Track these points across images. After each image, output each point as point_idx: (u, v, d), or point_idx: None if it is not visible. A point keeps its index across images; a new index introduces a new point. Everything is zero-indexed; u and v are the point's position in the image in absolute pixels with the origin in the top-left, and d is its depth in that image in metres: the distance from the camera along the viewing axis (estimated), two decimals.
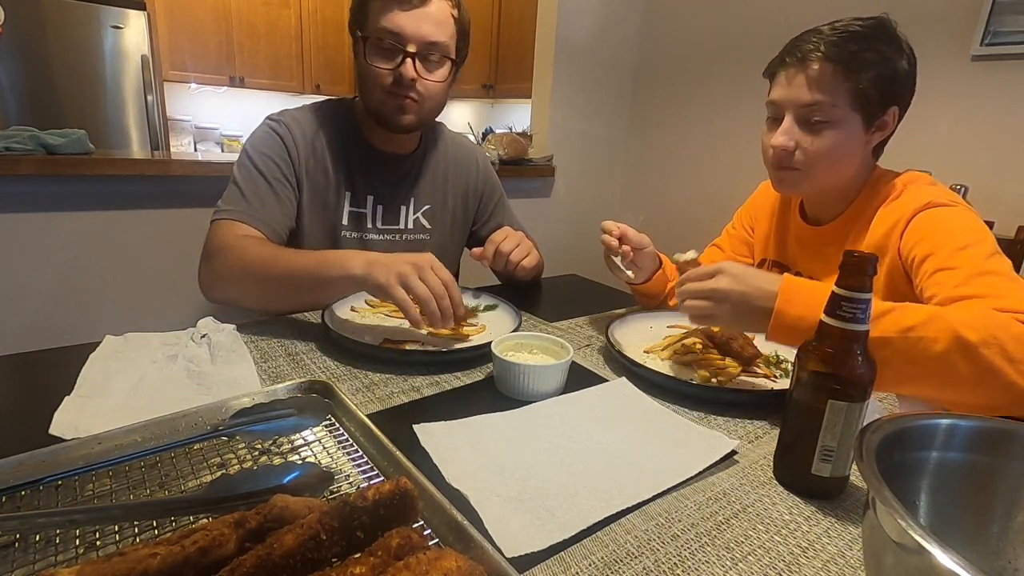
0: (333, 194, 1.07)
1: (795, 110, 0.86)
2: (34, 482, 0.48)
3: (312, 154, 1.05)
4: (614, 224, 0.98)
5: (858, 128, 0.86)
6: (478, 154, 1.27)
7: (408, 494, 0.40)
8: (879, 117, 0.86)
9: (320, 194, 1.06)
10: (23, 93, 2.90)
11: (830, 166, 0.88)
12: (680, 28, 2.52)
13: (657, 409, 0.71)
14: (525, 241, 1.06)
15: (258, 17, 3.99)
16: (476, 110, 4.69)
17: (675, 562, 0.47)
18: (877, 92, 0.83)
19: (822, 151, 0.86)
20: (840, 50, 0.82)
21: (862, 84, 0.82)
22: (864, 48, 0.82)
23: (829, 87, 0.83)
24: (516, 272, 1.02)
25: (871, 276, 0.51)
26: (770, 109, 0.91)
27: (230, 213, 0.95)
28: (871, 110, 0.85)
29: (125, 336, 0.79)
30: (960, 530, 0.46)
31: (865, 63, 0.82)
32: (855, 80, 0.82)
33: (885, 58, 0.82)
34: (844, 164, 0.89)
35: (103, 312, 1.65)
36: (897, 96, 0.86)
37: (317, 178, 1.05)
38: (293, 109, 1.08)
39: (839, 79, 0.83)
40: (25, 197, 1.49)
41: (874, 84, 0.83)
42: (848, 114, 0.84)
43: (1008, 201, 1.70)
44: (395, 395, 0.71)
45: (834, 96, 0.83)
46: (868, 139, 0.88)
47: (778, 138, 0.88)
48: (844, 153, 0.87)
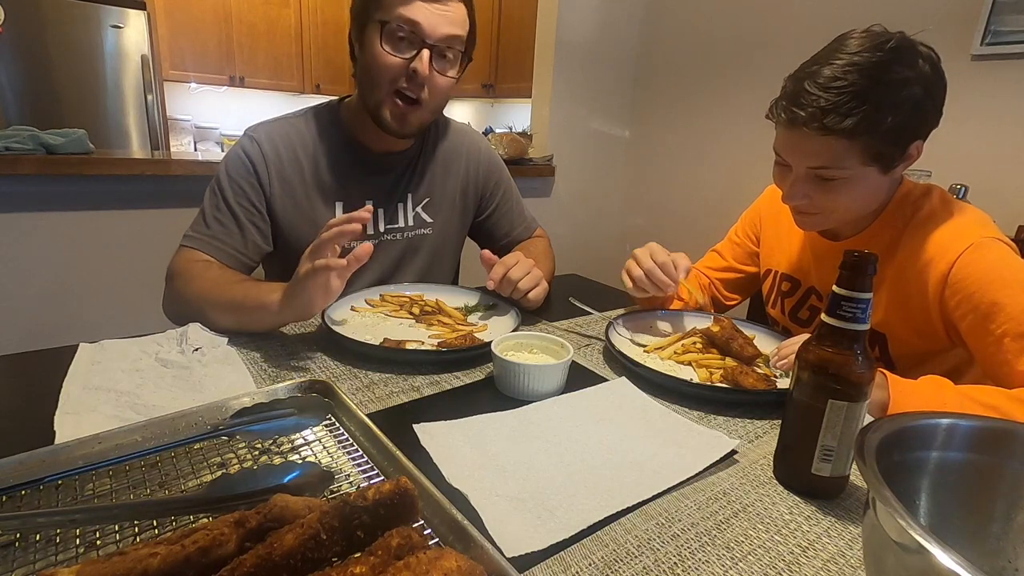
0: (321, 207, 1.04)
1: (803, 168, 0.81)
2: (34, 482, 0.48)
3: (293, 171, 1.01)
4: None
5: (876, 176, 0.80)
6: (480, 142, 1.23)
7: (408, 494, 0.40)
8: (899, 160, 0.80)
9: (304, 211, 1.03)
10: (23, 93, 2.91)
11: (850, 210, 0.84)
12: (680, 28, 2.52)
13: (657, 409, 0.71)
14: (536, 271, 0.99)
15: (258, 17, 4.00)
16: (476, 110, 4.69)
17: (675, 562, 0.47)
18: (890, 144, 0.77)
19: (839, 204, 0.82)
20: (839, 118, 0.74)
21: (868, 145, 0.76)
22: (867, 106, 0.73)
23: (831, 154, 0.77)
24: (520, 301, 0.99)
25: (871, 276, 0.51)
26: (776, 153, 0.85)
27: (190, 240, 0.95)
28: (889, 159, 0.79)
29: (101, 344, 0.77)
30: (960, 530, 0.46)
31: (870, 127, 0.74)
32: (861, 143, 0.76)
33: (893, 105, 0.74)
34: (867, 203, 0.85)
35: (103, 312, 1.65)
36: (917, 132, 0.78)
37: (297, 195, 1.02)
38: (274, 121, 1.04)
39: (841, 146, 0.76)
40: (25, 197, 1.49)
41: (883, 140, 0.76)
42: (861, 170, 0.79)
43: (1008, 201, 1.70)
44: (395, 395, 0.71)
45: (840, 160, 0.78)
46: (891, 176, 0.82)
47: (790, 199, 0.84)
48: (864, 198, 0.83)
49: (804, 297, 1.01)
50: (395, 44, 0.92)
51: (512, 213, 1.27)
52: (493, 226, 1.26)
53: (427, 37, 0.92)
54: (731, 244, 1.17)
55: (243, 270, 0.98)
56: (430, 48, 0.92)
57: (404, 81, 0.94)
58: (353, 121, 1.06)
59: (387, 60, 0.92)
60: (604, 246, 2.87)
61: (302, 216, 1.03)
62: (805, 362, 0.55)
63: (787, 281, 1.04)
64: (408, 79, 0.94)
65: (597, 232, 2.86)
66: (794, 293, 1.03)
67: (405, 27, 0.91)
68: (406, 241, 1.14)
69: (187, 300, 0.88)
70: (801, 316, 1.02)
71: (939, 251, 0.80)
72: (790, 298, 1.04)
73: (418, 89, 0.95)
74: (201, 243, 0.95)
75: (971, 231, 0.80)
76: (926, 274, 0.81)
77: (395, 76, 0.94)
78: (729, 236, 1.19)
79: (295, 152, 1.02)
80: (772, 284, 1.08)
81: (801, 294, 1.02)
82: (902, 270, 0.84)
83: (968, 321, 0.78)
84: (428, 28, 0.91)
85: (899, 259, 0.85)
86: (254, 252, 1.00)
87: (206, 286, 0.88)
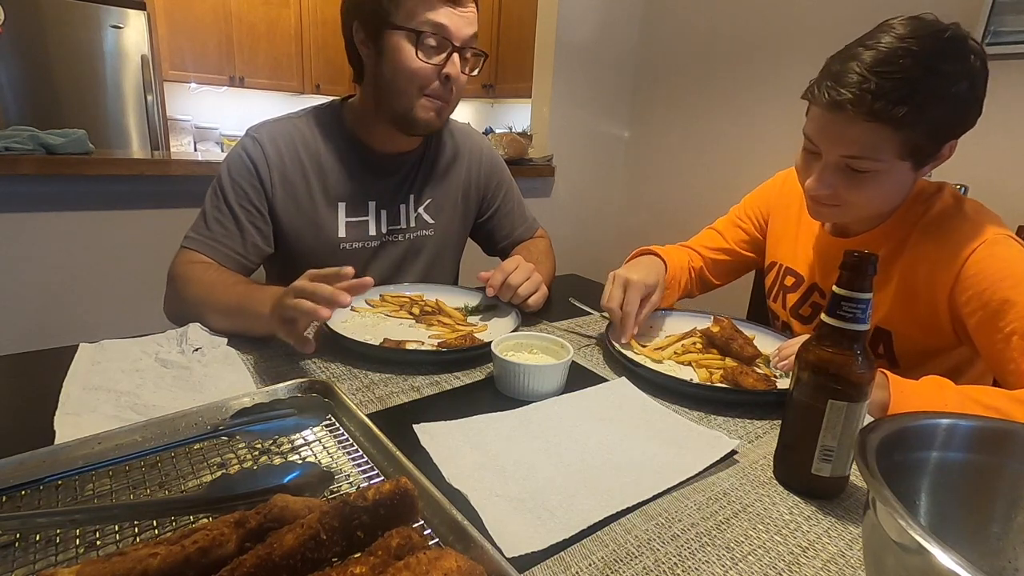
0: (324, 208, 1.04)
1: (835, 156, 0.78)
2: (34, 482, 0.48)
3: (295, 171, 1.01)
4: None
5: (907, 172, 0.78)
6: (482, 143, 1.23)
7: (408, 494, 0.40)
8: (932, 158, 0.78)
9: (306, 212, 1.03)
10: (23, 93, 2.91)
11: (871, 205, 0.83)
12: (680, 28, 2.52)
13: (657, 409, 0.71)
14: (535, 275, 0.99)
15: (258, 17, 4.00)
16: (476, 110, 4.69)
17: (675, 562, 0.47)
18: (928, 139, 0.75)
19: (863, 198, 0.80)
20: (889, 105, 0.70)
21: (909, 137, 0.73)
22: (913, 96, 0.70)
23: (871, 143, 0.74)
24: (520, 306, 0.99)
25: (871, 276, 0.51)
26: (806, 139, 0.81)
27: (191, 241, 0.95)
28: (923, 155, 0.76)
29: (101, 344, 0.77)
30: (960, 530, 0.46)
31: (916, 118, 0.71)
32: (903, 135, 0.73)
33: (939, 98, 0.71)
34: (889, 200, 0.84)
35: (103, 312, 1.65)
36: (956, 129, 0.76)
37: (299, 197, 1.02)
38: (276, 121, 1.04)
39: (884, 135, 0.73)
40: (25, 197, 1.49)
41: (924, 134, 0.74)
42: (895, 164, 0.76)
43: (1008, 201, 1.70)
44: (395, 395, 0.71)
45: (878, 151, 0.75)
46: (919, 175, 0.81)
47: (815, 188, 0.81)
48: (888, 194, 0.82)
49: (807, 294, 1.00)
50: (427, 51, 0.93)
51: (513, 214, 1.27)
52: (494, 227, 1.26)
53: (454, 40, 0.93)
54: (733, 225, 1.14)
55: (243, 272, 0.98)
56: (458, 51, 0.94)
57: (436, 86, 0.96)
58: (357, 122, 1.06)
59: (420, 67, 0.93)
60: (604, 246, 2.87)
61: (304, 217, 1.03)
62: (805, 362, 0.55)
63: (791, 276, 1.03)
64: (440, 83, 0.95)
65: (597, 232, 2.86)
66: (797, 289, 1.02)
67: (436, 33, 0.92)
68: (408, 242, 1.14)
69: (186, 302, 0.88)
70: (803, 313, 1.01)
71: (952, 247, 0.79)
72: (793, 293, 1.03)
73: (448, 92, 0.97)
74: (201, 244, 0.95)
75: (984, 228, 0.79)
76: (937, 270, 0.81)
77: (427, 82, 0.95)
78: (731, 216, 1.15)
79: (297, 153, 1.02)
80: (776, 278, 1.06)
81: (804, 290, 1.01)
82: (912, 267, 0.84)
83: (977, 318, 0.77)
84: (455, 31, 0.93)
85: (908, 256, 0.84)
86: (254, 254, 0.99)
87: (203, 289, 0.88)
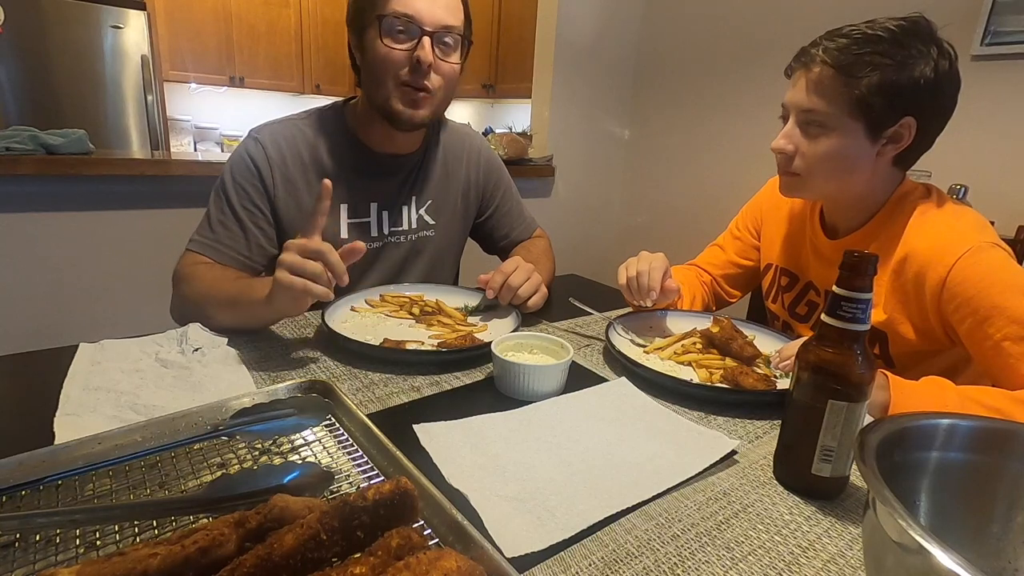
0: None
1: (797, 114, 0.85)
2: (34, 482, 0.48)
3: (297, 173, 1.01)
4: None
5: (860, 137, 0.82)
6: (480, 143, 1.24)
7: (408, 494, 0.40)
8: (888, 127, 0.81)
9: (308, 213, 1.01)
10: (23, 93, 2.91)
11: (830, 173, 0.85)
12: (680, 28, 2.52)
13: (657, 409, 0.71)
14: (535, 276, 0.99)
15: (258, 17, 3.99)
16: (476, 110, 4.69)
17: (675, 562, 0.47)
18: (881, 100, 0.79)
19: (818, 157, 0.84)
20: (842, 55, 0.79)
21: (859, 91, 0.79)
22: (870, 52, 0.78)
23: (826, 93, 0.81)
24: (520, 307, 0.99)
25: (871, 276, 0.51)
26: (783, 110, 0.89)
27: (195, 244, 0.96)
28: (875, 119, 0.80)
29: (101, 344, 0.77)
30: (960, 530, 0.46)
31: (866, 69, 0.78)
32: (853, 86, 0.79)
33: (896, 63, 0.77)
34: (847, 173, 0.85)
35: (103, 312, 1.65)
36: (910, 106, 0.80)
37: (302, 198, 1.02)
38: (279, 122, 1.04)
39: (837, 85, 0.80)
40: (25, 197, 1.49)
41: (876, 91, 0.78)
42: (847, 122, 0.81)
43: (1008, 201, 1.70)
44: (395, 395, 0.71)
45: (831, 102, 0.81)
46: (878, 150, 0.83)
47: (777, 140, 0.87)
48: (845, 161, 0.84)
49: (803, 292, 1.02)
50: (395, 37, 0.93)
51: (512, 214, 1.27)
52: (493, 227, 1.26)
53: (424, 25, 0.93)
54: (732, 238, 1.17)
55: (249, 274, 0.97)
56: (430, 36, 0.94)
57: (409, 72, 0.95)
58: (359, 124, 1.06)
59: (387, 53, 0.93)
60: (604, 246, 2.87)
61: (306, 218, 1.02)
62: (805, 362, 0.55)
63: (786, 275, 1.05)
64: (412, 70, 0.95)
65: (597, 232, 2.86)
66: (792, 288, 1.03)
67: (402, 19, 0.92)
68: (410, 244, 1.14)
69: (190, 301, 0.88)
70: (799, 311, 1.02)
71: (936, 255, 0.80)
72: (789, 292, 1.04)
73: (422, 78, 0.96)
74: (205, 247, 0.95)
75: (969, 235, 0.79)
76: (923, 277, 0.81)
77: (399, 68, 0.95)
78: (730, 229, 1.18)
79: (299, 154, 1.02)
80: (772, 278, 1.08)
81: (799, 289, 1.02)
82: (900, 270, 0.85)
83: (967, 325, 0.78)
84: (426, 15, 0.93)
85: (897, 259, 0.85)
86: (259, 255, 0.99)
87: (205, 285, 0.89)
